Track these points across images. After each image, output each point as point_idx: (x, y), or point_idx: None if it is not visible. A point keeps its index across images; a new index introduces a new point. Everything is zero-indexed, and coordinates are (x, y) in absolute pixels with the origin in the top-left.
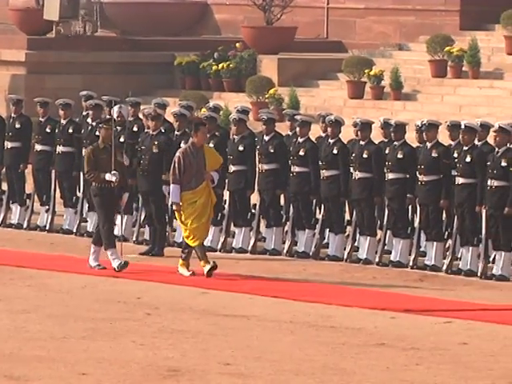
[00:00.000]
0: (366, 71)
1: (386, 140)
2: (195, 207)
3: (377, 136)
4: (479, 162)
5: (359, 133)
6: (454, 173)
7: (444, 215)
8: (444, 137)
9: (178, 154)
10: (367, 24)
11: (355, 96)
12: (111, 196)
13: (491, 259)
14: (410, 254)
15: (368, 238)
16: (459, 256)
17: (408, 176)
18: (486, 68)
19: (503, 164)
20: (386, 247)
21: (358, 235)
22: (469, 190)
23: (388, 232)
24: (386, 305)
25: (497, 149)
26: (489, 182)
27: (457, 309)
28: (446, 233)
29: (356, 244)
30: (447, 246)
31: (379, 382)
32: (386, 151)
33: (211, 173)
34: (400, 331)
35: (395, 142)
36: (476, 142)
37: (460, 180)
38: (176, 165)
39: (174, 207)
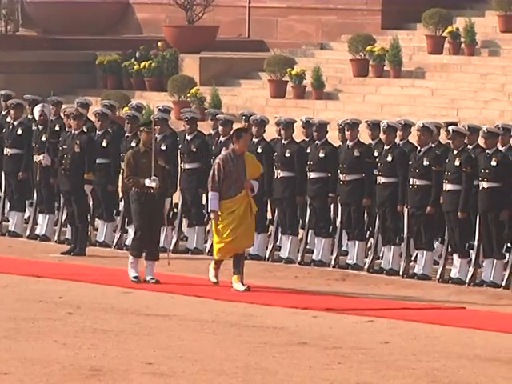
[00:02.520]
0: (287, 70)
1: (307, 139)
2: (234, 217)
3: (298, 135)
4: (400, 161)
5: (282, 132)
6: (375, 172)
7: (366, 214)
8: (364, 136)
9: (217, 160)
10: (289, 23)
11: (277, 95)
12: (150, 202)
13: (413, 258)
14: (331, 253)
15: (290, 237)
16: (381, 255)
17: (330, 175)
18: (408, 67)
19: (425, 163)
20: (307, 246)
21: (280, 234)
22: (390, 189)
23: (310, 231)
24: (308, 304)
25: (419, 148)
26: (411, 181)
27: (378, 308)
28: (368, 232)
29: (278, 243)
30: (369, 245)
31: (301, 381)
32: (308, 150)
33: (251, 181)
34: (322, 330)
35: (317, 141)
36: (397, 141)
37: (381, 179)
38: (215, 172)
39: (212, 215)
